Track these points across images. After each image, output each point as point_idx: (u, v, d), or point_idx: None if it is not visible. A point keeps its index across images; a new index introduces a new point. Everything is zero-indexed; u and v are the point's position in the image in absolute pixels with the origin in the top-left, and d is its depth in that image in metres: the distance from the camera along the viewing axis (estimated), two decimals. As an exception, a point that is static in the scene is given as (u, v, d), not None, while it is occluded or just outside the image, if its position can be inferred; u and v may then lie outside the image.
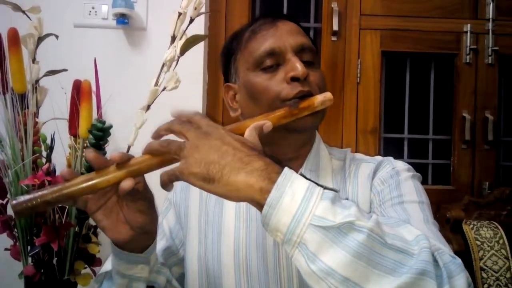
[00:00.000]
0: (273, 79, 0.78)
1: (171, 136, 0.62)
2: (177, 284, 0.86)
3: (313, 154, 0.84)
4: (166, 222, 0.91)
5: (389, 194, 0.77)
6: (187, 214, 0.89)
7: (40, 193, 0.59)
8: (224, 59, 0.90)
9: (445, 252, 0.57)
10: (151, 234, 0.71)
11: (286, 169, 0.55)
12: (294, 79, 0.76)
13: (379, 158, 0.86)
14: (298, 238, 0.51)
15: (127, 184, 0.60)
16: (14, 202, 0.59)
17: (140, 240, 0.69)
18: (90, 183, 0.60)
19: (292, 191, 0.53)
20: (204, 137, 0.58)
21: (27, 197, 0.59)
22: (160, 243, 0.88)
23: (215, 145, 0.57)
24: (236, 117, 0.86)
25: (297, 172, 0.79)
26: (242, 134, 0.63)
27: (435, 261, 0.54)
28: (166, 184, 0.59)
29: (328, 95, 0.75)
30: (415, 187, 0.79)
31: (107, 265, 0.78)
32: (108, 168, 0.61)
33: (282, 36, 0.80)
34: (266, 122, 0.67)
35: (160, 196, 0.91)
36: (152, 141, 0.61)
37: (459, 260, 0.57)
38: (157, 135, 0.62)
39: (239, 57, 0.84)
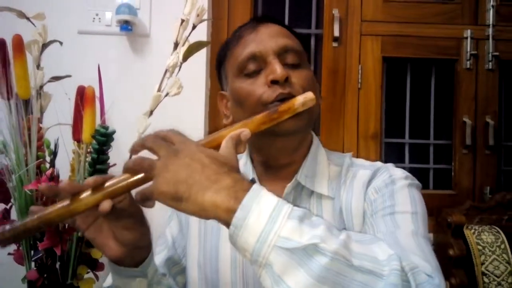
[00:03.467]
0: (255, 83, 0.77)
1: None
2: None
3: (310, 160, 0.82)
4: (169, 231, 0.91)
5: (382, 204, 0.74)
6: (187, 222, 0.88)
7: (20, 222, 0.60)
8: (216, 68, 0.90)
9: (421, 272, 0.55)
10: (144, 248, 0.70)
11: (254, 186, 0.54)
12: (273, 82, 0.74)
13: (378, 164, 0.83)
14: (264, 260, 0.50)
15: (105, 206, 0.59)
16: None
17: (134, 255, 0.69)
18: (68, 208, 0.60)
19: (259, 210, 0.51)
20: (174, 155, 0.56)
21: (8, 227, 0.60)
22: (163, 253, 0.88)
23: (184, 164, 0.55)
24: (228, 124, 0.84)
25: (291, 178, 0.79)
26: (219, 145, 0.62)
27: (407, 282, 0.52)
28: (140, 203, 0.59)
29: (309, 95, 0.72)
30: (411, 196, 0.75)
31: (109, 280, 0.78)
32: (84, 192, 0.61)
33: (263, 40, 0.78)
34: (243, 131, 0.64)
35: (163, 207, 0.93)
36: (128, 160, 0.61)
37: (437, 280, 0.55)
38: (132, 150, 0.61)
39: (227, 65, 0.84)
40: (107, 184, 0.60)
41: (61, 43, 1.25)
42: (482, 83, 1.73)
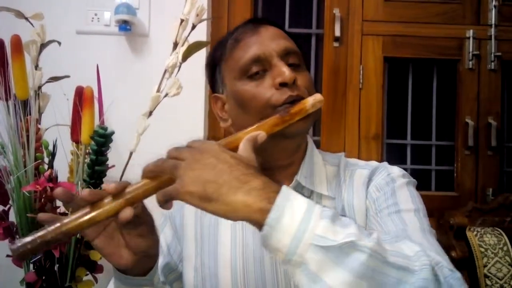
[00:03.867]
0: (260, 86, 0.76)
1: None
2: None
3: (307, 160, 0.83)
4: (163, 238, 0.89)
5: (385, 202, 0.76)
6: (182, 225, 0.87)
7: (38, 234, 0.58)
8: (209, 70, 0.88)
9: (444, 266, 0.57)
10: (154, 257, 0.70)
11: (284, 187, 0.55)
12: (282, 84, 0.75)
13: (373, 163, 0.84)
14: (300, 258, 0.51)
15: (126, 213, 0.58)
16: (13, 247, 0.58)
17: (143, 263, 0.68)
18: (88, 217, 0.59)
19: (292, 211, 0.52)
20: (199, 155, 0.57)
21: (26, 240, 0.58)
22: (159, 260, 0.86)
23: (210, 163, 0.56)
24: (227, 127, 0.84)
25: (292, 179, 0.79)
26: (237, 148, 0.62)
27: (436, 276, 0.53)
28: (162, 203, 0.58)
29: (318, 96, 0.73)
30: (411, 194, 0.77)
31: None
32: (104, 199, 0.60)
33: (265, 41, 0.78)
34: (259, 133, 0.66)
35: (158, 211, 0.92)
36: (147, 163, 0.60)
37: (458, 274, 0.56)
38: (149, 169, 0.60)
39: (224, 67, 0.83)
40: (127, 190, 0.59)
41: (59, 43, 1.24)
42: (484, 83, 1.72)
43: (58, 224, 0.59)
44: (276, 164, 0.81)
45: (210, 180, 0.54)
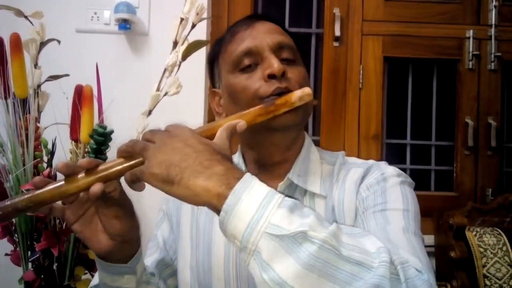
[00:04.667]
0: (251, 78, 0.76)
1: None
2: None
3: (302, 158, 0.81)
4: (160, 233, 0.89)
5: (373, 201, 0.74)
6: (179, 224, 0.87)
7: (11, 201, 0.59)
8: (209, 65, 0.89)
9: (411, 266, 0.54)
10: (133, 243, 0.70)
11: (247, 174, 0.55)
12: (271, 76, 0.74)
13: (370, 162, 0.82)
14: (253, 246, 0.50)
15: (96, 188, 0.58)
16: None
17: (122, 249, 0.68)
18: (60, 189, 0.60)
19: (249, 198, 0.52)
20: (168, 139, 0.58)
21: None
22: (154, 255, 0.87)
23: (177, 148, 0.56)
24: None
25: (284, 177, 0.79)
26: (214, 135, 0.62)
27: (396, 275, 0.51)
28: (130, 183, 0.59)
29: (306, 90, 0.73)
30: (403, 194, 0.74)
31: (95, 280, 0.77)
32: (78, 175, 0.60)
33: (259, 35, 0.78)
34: (239, 121, 0.66)
35: (156, 208, 0.92)
36: (121, 144, 0.61)
37: (426, 276, 0.54)
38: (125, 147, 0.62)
39: (221, 61, 0.83)
40: (100, 167, 0.60)
41: (59, 41, 1.24)
42: (484, 83, 1.72)
43: (30, 194, 0.59)
44: (270, 161, 0.81)
45: (174, 164, 0.55)
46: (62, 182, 0.60)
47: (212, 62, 0.87)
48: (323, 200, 0.79)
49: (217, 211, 0.53)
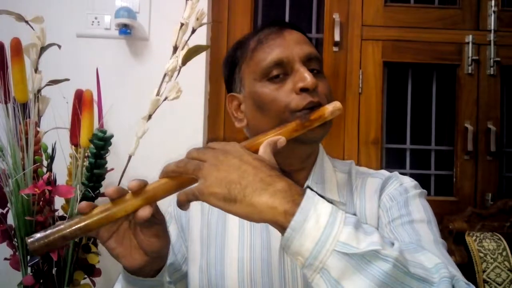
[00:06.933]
0: (281, 89, 0.76)
1: None
2: None
3: (318, 166, 0.83)
4: None
5: (398, 212, 0.76)
6: (188, 226, 0.87)
7: (56, 228, 0.57)
8: (227, 69, 0.88)
9: (460, 279, 0.56)
10: (165, 257, 0.69)
11: (308, 191, 0.54)
12: (303, 89, 0.75)
13: (385, 172, 0.85)
14: (321, 264, 0.51)
15: (145, 212, 0.58)
16: (30, 240, 0.57)
17: (154, 264, 0.67)
18: (107, 213, 0.58)
19: (317, 215, 0.52)
20: (222, 156, 0.57)
21: (43, 233, 0.57)
22: None
23: (234, 164, 0.56)
24: (241, 127, 0.85)
25: (302, 184, 0.80)
26: (256, 151, 0.62)
27: None
28: (184, 204, 0.58)
29: (337, 104, 0.74)
30: (423, 205, 0.78)
31: None
32: (124, 196, 0.59)
33: (289, 46, 0.78)
34: (280, 138, 0.66)
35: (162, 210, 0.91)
36: (168, 163, 0.60)
37: (473, 287, 0.57)
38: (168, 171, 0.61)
39: (244, 67, 0.83)
40: (146, 188, 0.59)
41: (59, 46, 1.24)
42: (483, 88, 1.72)
43: (76, 219, 0.58)
44: (289, 169, 0.81)
45: (235, 181, 0.54)
46: (109, 205, 0.59)
47: (233, 66, 0.86)
48: (342, 207, 0.79)
49: (282, 228, 0.53)
